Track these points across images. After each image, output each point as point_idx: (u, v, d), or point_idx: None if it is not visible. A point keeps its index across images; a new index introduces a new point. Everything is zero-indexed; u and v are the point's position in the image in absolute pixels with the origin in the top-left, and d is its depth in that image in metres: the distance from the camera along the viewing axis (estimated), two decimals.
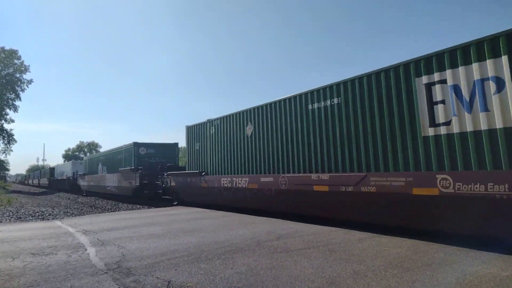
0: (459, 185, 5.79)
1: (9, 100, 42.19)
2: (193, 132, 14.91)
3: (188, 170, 14.90)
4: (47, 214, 14.68)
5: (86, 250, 6.12)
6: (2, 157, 51.81)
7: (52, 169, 48.09)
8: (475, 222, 5.69)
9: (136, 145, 21.05)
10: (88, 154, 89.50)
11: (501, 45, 5.66)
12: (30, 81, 42.72)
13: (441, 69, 6.41)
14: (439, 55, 6.46)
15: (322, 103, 8.76)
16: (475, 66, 5.95)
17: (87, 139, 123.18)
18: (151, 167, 18.93)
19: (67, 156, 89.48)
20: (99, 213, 15.56)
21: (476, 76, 5.92)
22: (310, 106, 9.07)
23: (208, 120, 13.84)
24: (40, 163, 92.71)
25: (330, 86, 8.57)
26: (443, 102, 6.37)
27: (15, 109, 42.51)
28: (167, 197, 17.22)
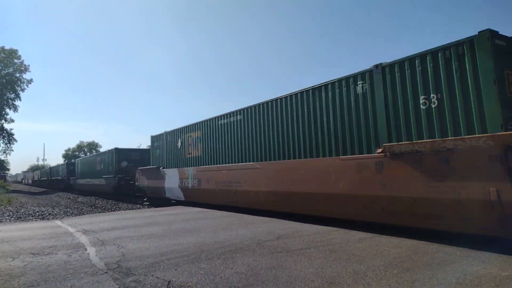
0: None
1: (9, 100, 42.18)
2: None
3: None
4: (47, 214, 14.68)
5: (86, 250, 6.12)
6: (2, 157, 51.53)
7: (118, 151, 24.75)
8: None
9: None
10: (88, 154, 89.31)
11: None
12: (30, 81, 42.74)
13: None
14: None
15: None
16: None
17: (87, 139, 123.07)
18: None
19: (67, 156, 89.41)
20: (99, 212, 15.57)
21: None
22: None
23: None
24: (40, 163, 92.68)
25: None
26: None
27: (15, 109, 42.52)
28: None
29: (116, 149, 24.74)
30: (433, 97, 6.53)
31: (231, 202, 11.63)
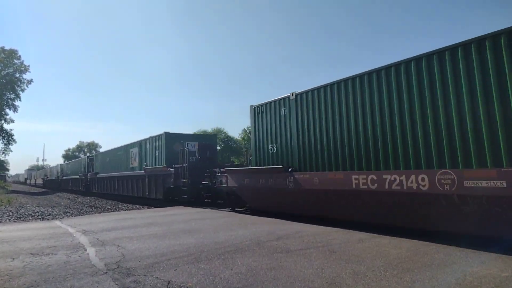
0: None
1: (9, 100, 42.16)
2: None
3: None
4: (46, 214, 14.68)
5: (86, 250, 6.12)
6: (1, 157, 51.36)
7: None
8: None
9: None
10: (88, 154, 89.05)
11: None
12: (30, 81, 42.72)
13: None
14: None
15: None
16: None
17: (87, 139, 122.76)
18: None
19: (67, 156, 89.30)
20: (99, 213, 15.57)
21: None
22: None
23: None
24: (40, 163, 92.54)
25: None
26: None
27: (15, 109, 42.50)
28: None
29: None
30: None
31: None
